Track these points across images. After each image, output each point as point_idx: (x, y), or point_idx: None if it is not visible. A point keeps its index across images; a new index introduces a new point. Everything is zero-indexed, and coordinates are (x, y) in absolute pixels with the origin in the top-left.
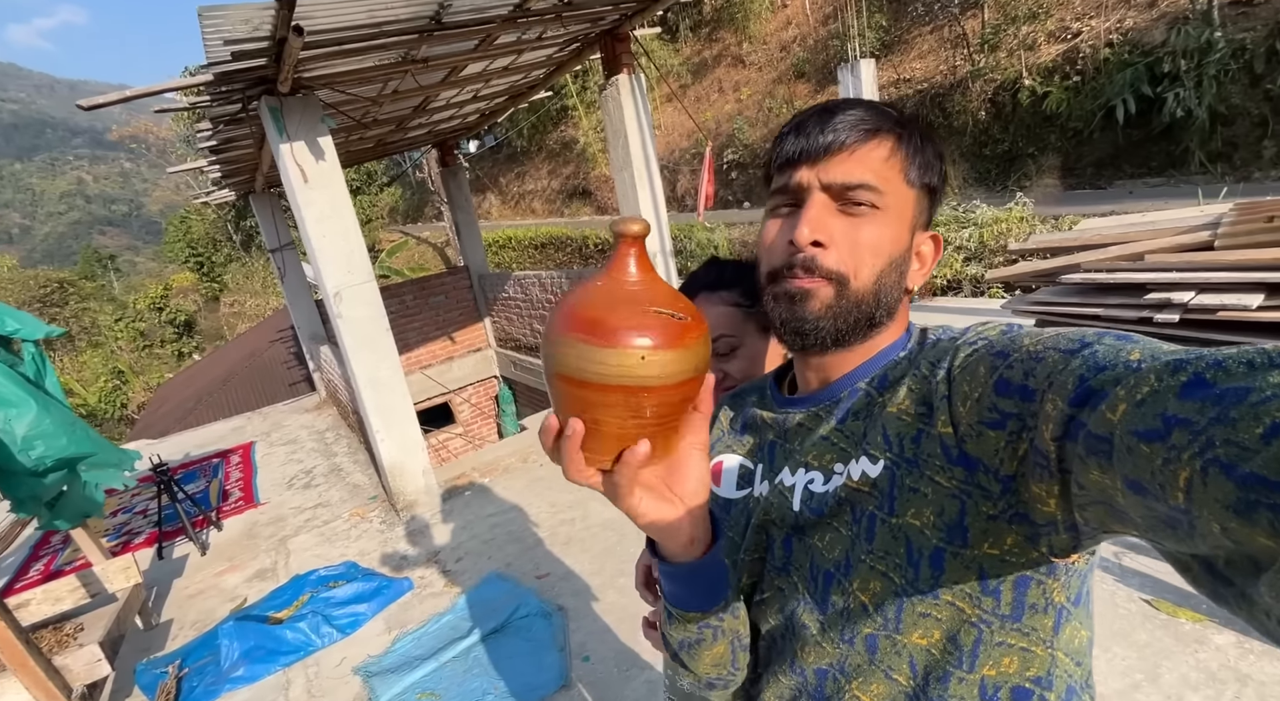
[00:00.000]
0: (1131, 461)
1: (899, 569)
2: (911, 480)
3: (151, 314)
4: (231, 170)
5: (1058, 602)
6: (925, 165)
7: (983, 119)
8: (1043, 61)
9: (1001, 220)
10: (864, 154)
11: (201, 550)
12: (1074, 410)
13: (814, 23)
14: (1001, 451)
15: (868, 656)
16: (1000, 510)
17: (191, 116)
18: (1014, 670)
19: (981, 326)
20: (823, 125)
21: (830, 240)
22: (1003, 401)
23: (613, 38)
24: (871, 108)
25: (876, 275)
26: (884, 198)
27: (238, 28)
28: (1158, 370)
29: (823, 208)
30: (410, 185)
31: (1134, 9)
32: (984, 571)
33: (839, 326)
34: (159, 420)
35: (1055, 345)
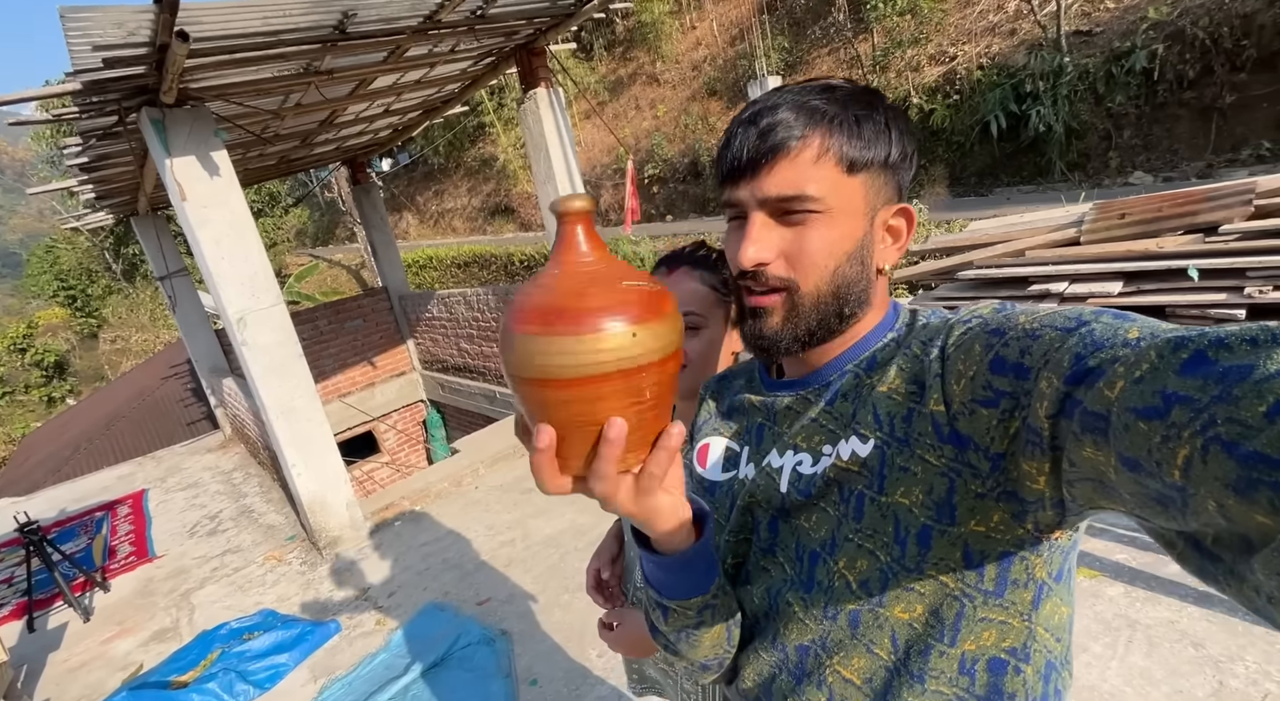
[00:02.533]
0: (1128, 438)
1: (885, 547)
2: (902, 459)
3: (12, 356)
4: (108, 190)
5: (1039, 578)
6: (866, 145)
7: None
8: (927, 81)
9: None
10: (789, 162)
11: (84, 616)
12: (1070, 388)
13: (722, 44)
14: (993, 429)
15: (850, 631)
16: (989, 488)
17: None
18: (991, 642)
19: (975, 305)
20: (748, 137)
21: (773, 254)
22: (997, 379)
23: (529, 52)
24: (797, 105)
25: (830, 276)
26: (821, 201)
27: (109, 32)
28: (1158, 347)
29: (763, 225)
30: (319, 206)
31: (998, 36)
32: (969, 548)
33: (800, 334)
34: (26, 474)
35: (1052, 323)
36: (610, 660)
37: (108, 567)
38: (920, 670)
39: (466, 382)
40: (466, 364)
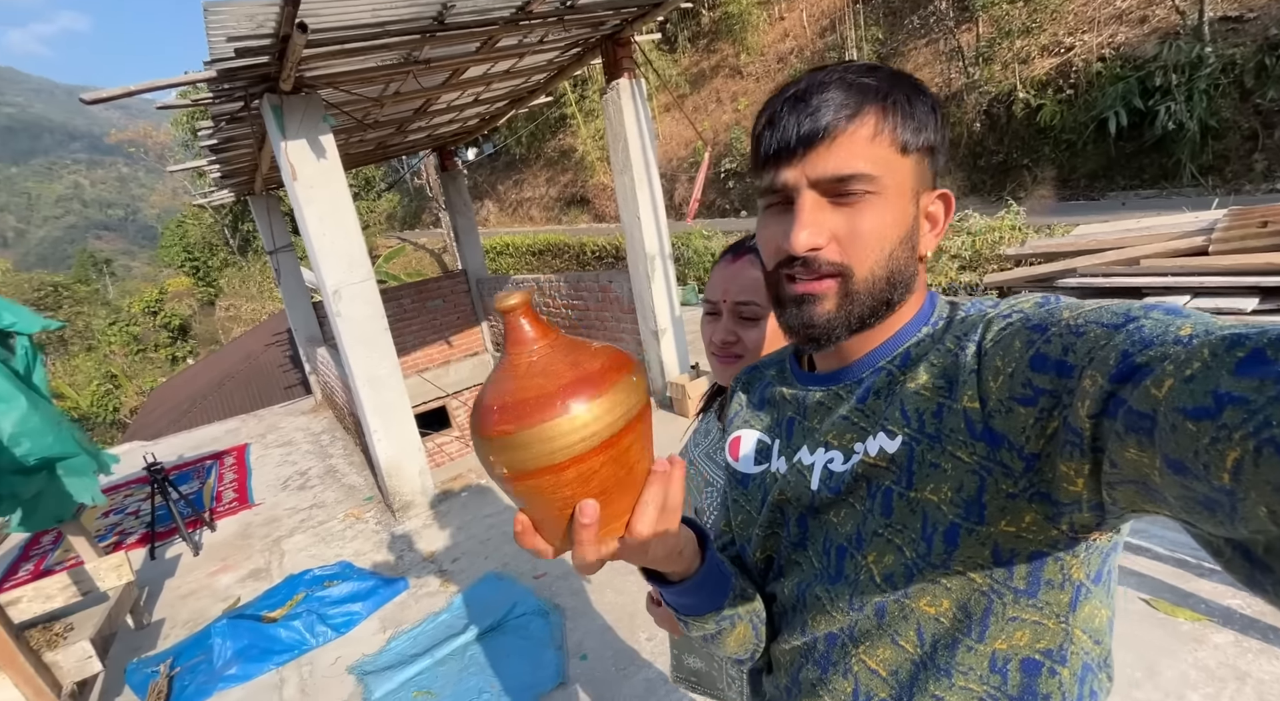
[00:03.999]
0: (1175, 439)
1: (912, 543)
2: (932, 455)
3: (146, 318)
4: (231, 170)
5: (1076, 579)
6: (918, 126)
7: (978, 130)
8: (1036, 75)
9: (994, 228)
10: (847, 140)
11: (194, 550)
12: (1115, 386)
13: (811, 35)
14: (1029, 428)
15: (876, 621)
16: (1021, 488)
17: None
18: (1024, 642)
19: (1016, 299)
20: (798, 115)
21: (827, 238)
22: (1038, 377)
23: (614, 42)
24: (847, 83)
25: (886, 260)
26: (878, 180)
27: (242, 24)
28: (1212, 345)
29: (815, 207)
30: (408, 192)
31: (1125, 24)
32: (998, 547)
33: (852, 321)
34: (153, 423)
35: (1098, 319)
36: (659, 644)
37: (215, 510)
38: (947, 664)
39: None
40: None
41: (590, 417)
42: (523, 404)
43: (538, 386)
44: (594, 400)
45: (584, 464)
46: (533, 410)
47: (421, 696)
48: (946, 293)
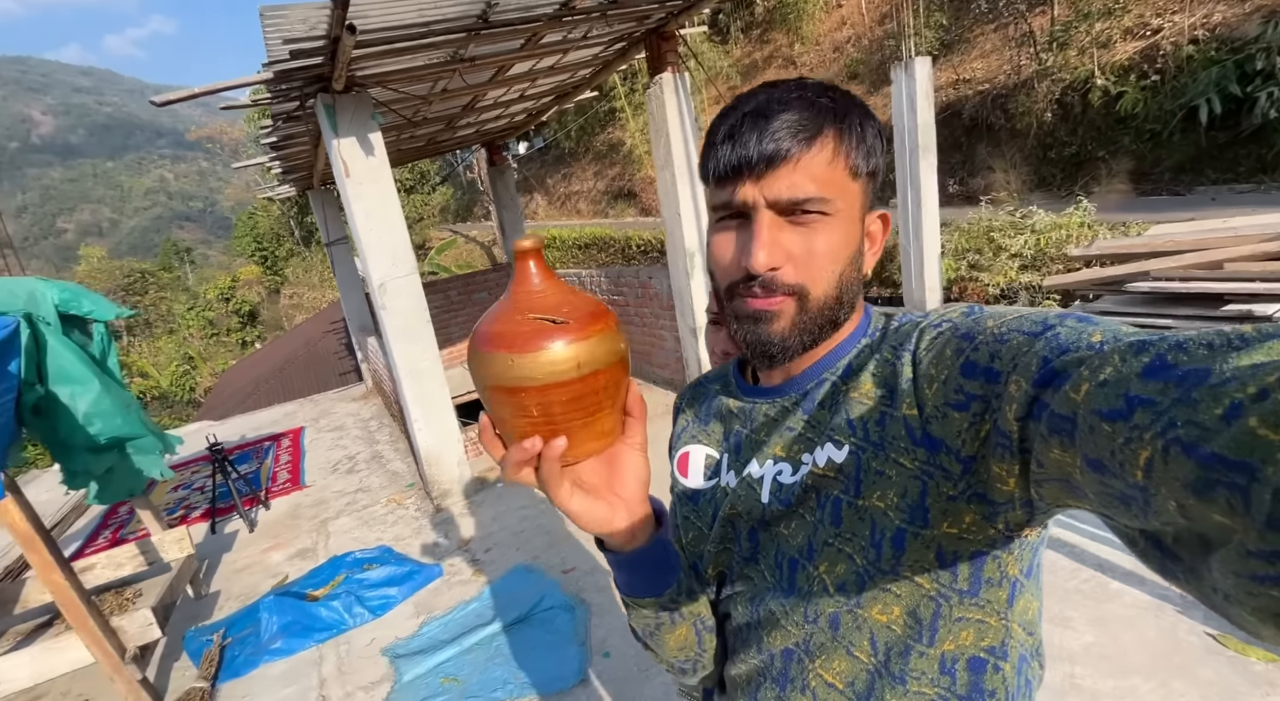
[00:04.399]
0: (1093, 440)
1: (862, 550)
2: (877, 463)
3: (220, 304)
4: (291, 166)
5: (1012, 575)
6: (869, 151)
7: (1048, 121)
8: (1117, 60)
9: (1061, 226)
10: (807, 163)
11: (250, 527)
12: (1038, 390)
13: (870, 22)
14: (964, 432)
15: (831, 633)
16: (960, 490)
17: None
18: (970, 641)
19: (944, 309)
20: (759, 133)
21: (784, 258)
22: (969, 383)
23: (659, 36)
24: (807, 103)
25: (837, 279)
26: (832, 203)
27: (296, 27)
28: (1121, 351)
29: (772, 226)
30: (461, 185)
31: (1224, 3)
32: (942, 549)
33: (805, 339)
34: (221, 403)
35: (1019, 327)
36: None
37: (270, 489)
38: (901, 671)
39: None
40: None
41: (561, 357)
42: (513, 334)
43: (530, 323)
44: (571, 344)
45: (547, 394)
46: (516, 340)
47: (448, 682)
48: (1006, 295)
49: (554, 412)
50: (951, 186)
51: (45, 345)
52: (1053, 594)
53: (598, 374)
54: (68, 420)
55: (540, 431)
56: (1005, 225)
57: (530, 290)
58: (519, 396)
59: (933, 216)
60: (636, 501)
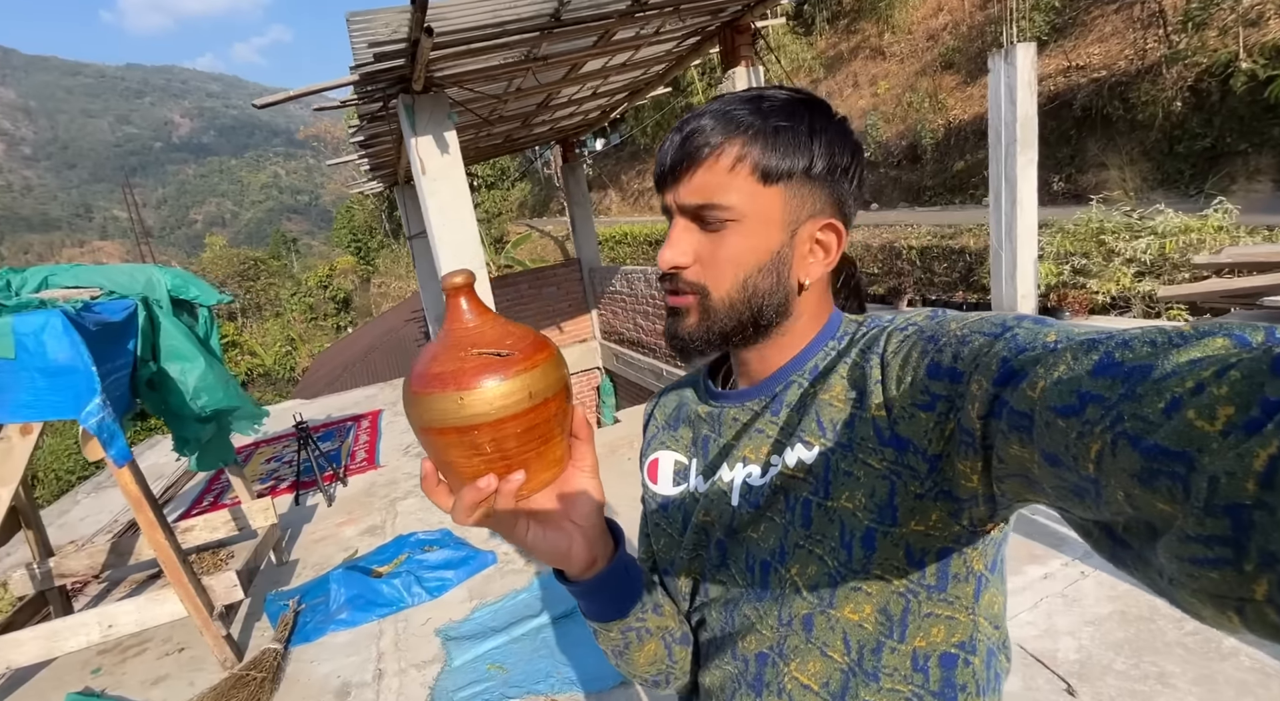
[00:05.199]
0: (1049, 435)
1: (832, 551)
2: (846, 464)
3: (319, 291)
4: (377, 164)
5: (977, 570)
6: (783, 156)
7: (1178, 110)
8: (1269, 39)
9: (1192, 229)
10: (704, 171)
11: (328, 501)
12: (998, 389)
13: (970, 7)
14: (930, 432)
15: (804, 635)
16: (926, 489)
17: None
18: (941, 638)
19: (909, 313)
20: (671, 147)
21: (689, 259)
22: (934, 384)
23: (733, 29)
24: (719, 115)
25: (740, 284)
26: (733, 210)
27: (380, 31)
28: (1073, 349)
29: (682, 229)
30: (539, 181)
31: None
32: (910, 547)
33: (713, 337)
34: (314, 383)
35: (980, 329)
36: None
37: (348, 467)
38: (874, 668)
39: (638, 356)
40: (640, 339)
41: (513, 389)
42: (458, 372)
43: (475, 358)
44: (520, 375)
45: (502, 428)
46: (463, 377)
47: (494, 669)
48: (1116, 304)
49: (508, 447)
50: (1056, 184)
51: (159, 326)
52: (1152, 645)
53: (548, 402)
54: (177, 393)
55: (495, 468)
56: (1120, 227)
57: (466, 326)
58: (471, 434)
59: (1030, 216)
60: (593, 526)
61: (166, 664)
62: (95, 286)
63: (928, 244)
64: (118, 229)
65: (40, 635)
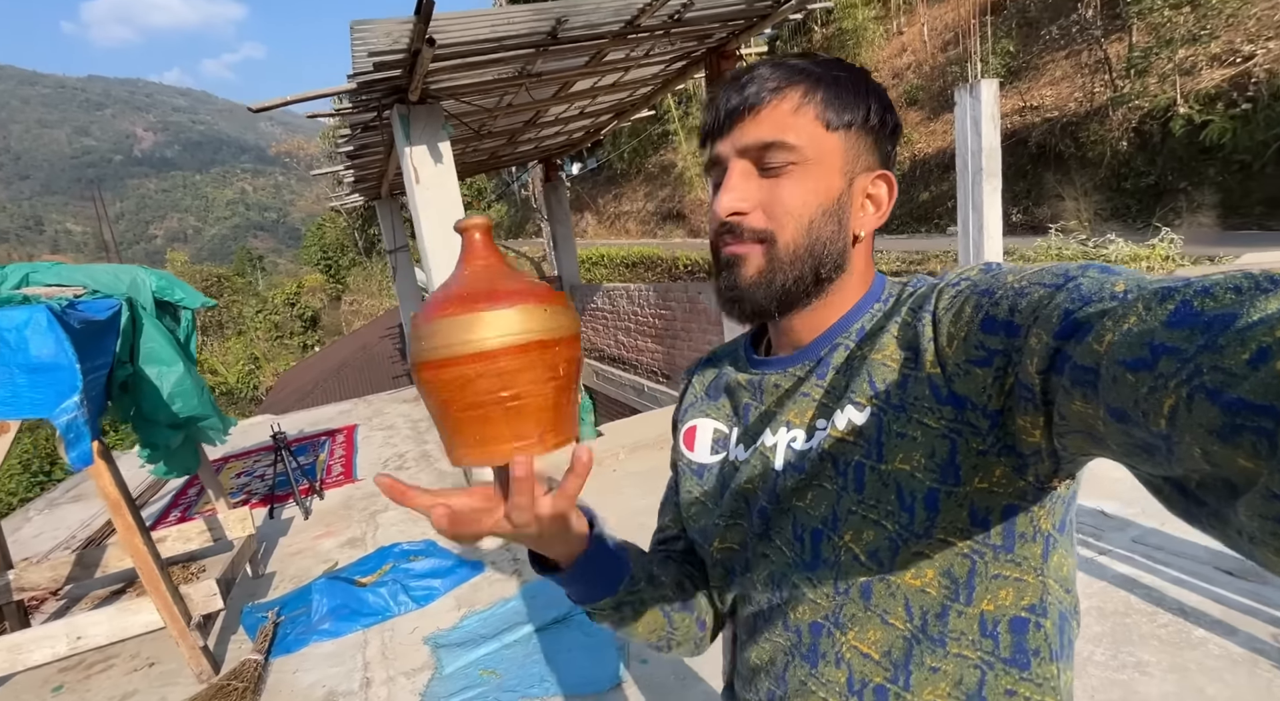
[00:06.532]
0: (1116, 390)
1: (891, 515)
2: (899, 425)
3: (285, 308)
4: (362, 176)
5: (1044, 530)
6: (844, 105)
7: (1124, 150)
8: (1203, 87)
9: (1141, 257)
10: (769, 112)
11: (305, 514)
12: (1059, 343)
13: (932, 49)
14: (989, 387)
15: (863, 603)
16: (989, 445)
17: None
18: (1010, 601)
19: (962, 268)
20: (728, 94)
21: (751, 204)
22: (989, 339)
23: (719, 55)
24: (778, 64)
25: (806, 228)
26: (799, 151)
27: (380, 40)
28: (1145, 299)
29: (741, 174)
30: (514, 203)
31: None
32: (975, 506)
33: (775, 289)
34: (282, 400)
35: (1039, 280)
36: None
37: (324, 480)
38: (940, 633)
39: (619, 373)
40: (621, 355)
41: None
42: (536, 289)
43: (507, 283)
44: (549, 304)
45: (574, 347)
46: (541, 292)
47: (487, 675)
48: None
49: (572, 374)
50: (1015, 215)
51: (141, 327)
52: (1128, 637)
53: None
54: (152, 397)
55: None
56: (1077, 255)
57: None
58: (553, 351)
59: (996, 242)
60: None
61: (135, 679)
62: (78, 285)
63: (897, 269)
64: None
65: (1, 648)
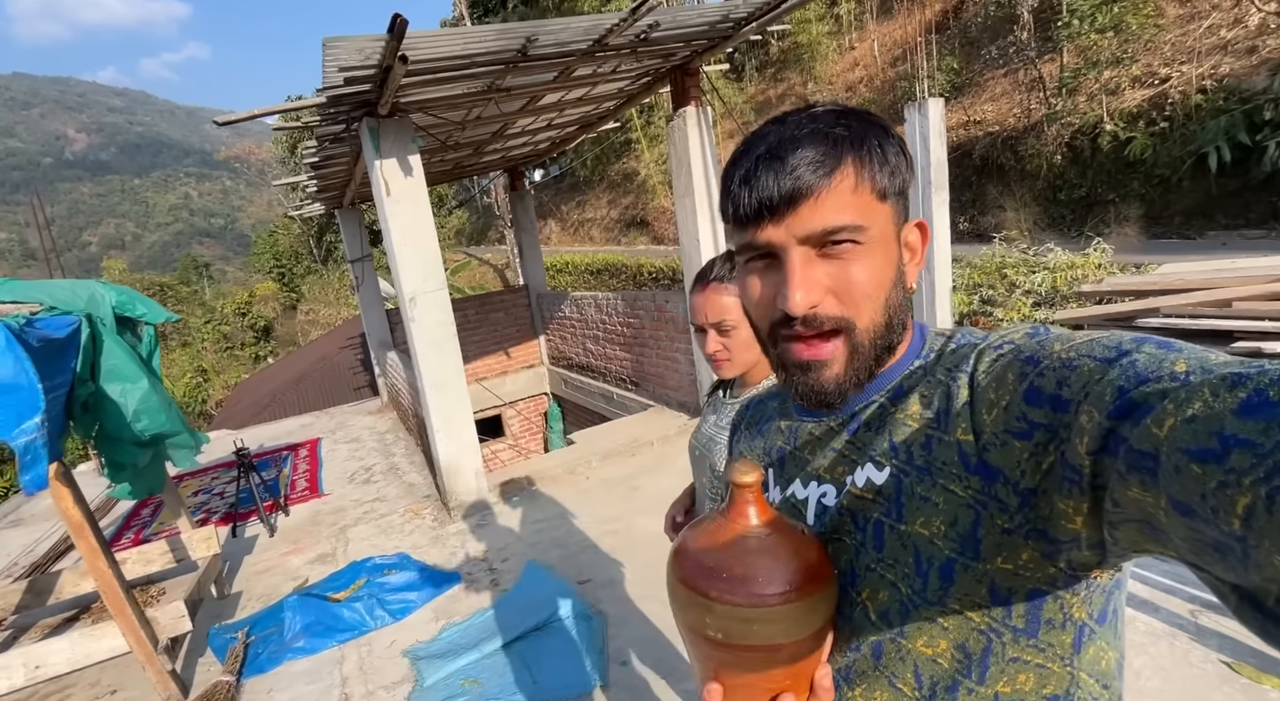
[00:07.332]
0: (1180, 481)
1: (906, 578)
2: (922, 488)
3: (236, 318)
4: (326, 185)
5: (1078, 619)
6: (893, 171)
7: (1058, 163)
8: (1126, 106)
9: (1077, 265)
10: (830, 194)
11: (270, 532)
12: (1113, 423)
13: (882, 64)
14: (1024, 463)
15: (873, 661)
16: (1017, 524)
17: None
18: (1030, 687)
19: (1006, 330)
20: (776, 173)
21: (824, 293)
22: (1033, 411)
23: (683, 72)
24: (821, 135)
25: (883, 306)
26: (865, 230)
27: (352, 56)
28: (1212, 384)
29: (805, 264)
30: (477, 210)
31: (1231, 55)
32: (995, 584)
33: (860, 376)
34: (236, 414)
35: (1090, 352)
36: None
37: (289, 496)
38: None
39: (588, 381)
40: (590, 363)
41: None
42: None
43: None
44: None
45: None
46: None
47: (469, 684)
48: None
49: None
50: (962, 224)
51: (101, 344)
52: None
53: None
54: (116, 415)
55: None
56: (1019, 262)
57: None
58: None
59: (945, 252)
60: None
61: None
62: (35, 301)
63: None
64: None
65: None
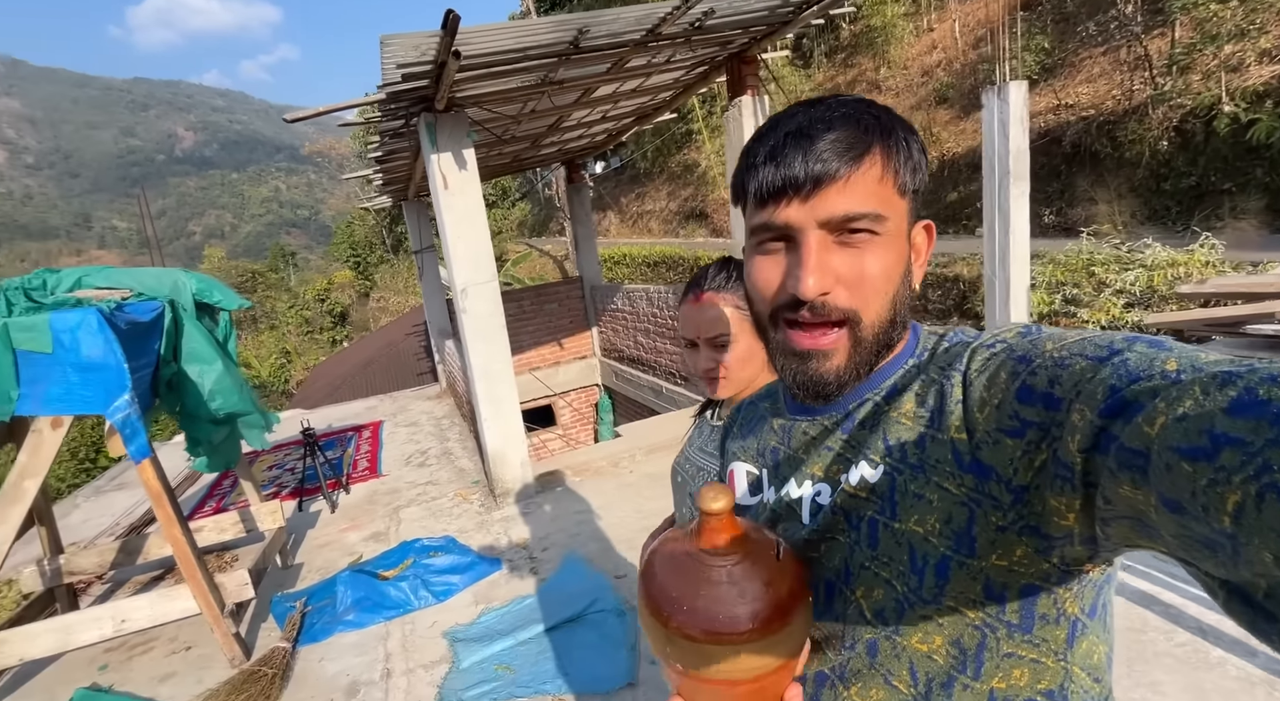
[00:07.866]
0: (1170, 479)
1: (901, 576)
2: (916, 486)
3: (315, 304)
4: (391, 179)
5: (1070, 613)
6: (915, 166)
7: (1164, 150)
8: (1250, 84)
9: (1180, 263)
10: (857, 180)
11: (332, 508)
12: (1105, 421)
13: (963, 46)
14: (1017, 461)
15: (868, 660)
16: (1010, 521)
17: (364, 133)
18: (1024, 682)
19: (998, 329)
20: (805, 153)
21: (836, 281)
22: (1025, 409)
23: (740, 60)
24: (852, 120)
25: (890, 301)
26: (885, 222)
27: (409, 53)
28: (1203, 383)
29: (822, 248)
30: (539, 202)
31: None
32: (990, 581)
33: (860, 370)
34: (312, 394)
35: (1082, 351)
36: None
37: (350, 475)
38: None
39: (638, 374)
40: (640, 356)
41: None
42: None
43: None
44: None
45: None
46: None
47: (502, 670)
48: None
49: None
50: (1047, 217)
51: (182, 328)
52: (1143, 655)
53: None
54: (194, 394)
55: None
56: (1110, 259)
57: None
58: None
59: (1023, 246)
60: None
61: (174, 661)
62: (126, 287)
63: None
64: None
65: (54, 628)
